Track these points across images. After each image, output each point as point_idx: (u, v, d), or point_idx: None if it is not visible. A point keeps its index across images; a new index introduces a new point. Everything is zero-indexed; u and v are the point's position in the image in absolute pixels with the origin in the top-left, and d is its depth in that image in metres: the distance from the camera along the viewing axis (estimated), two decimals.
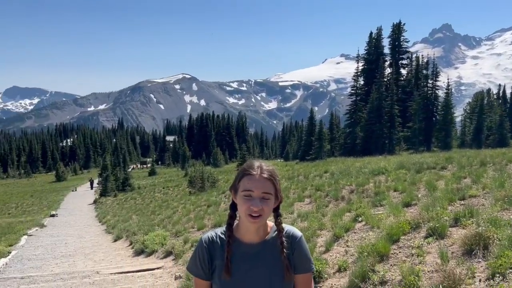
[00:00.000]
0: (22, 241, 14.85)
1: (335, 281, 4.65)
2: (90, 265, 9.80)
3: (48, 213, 26.58)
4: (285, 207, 11.01)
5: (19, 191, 55.78)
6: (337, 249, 5.80)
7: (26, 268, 9.70)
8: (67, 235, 16.44)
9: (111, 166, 45.79)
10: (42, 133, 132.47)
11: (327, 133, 52.08)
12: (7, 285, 7.63)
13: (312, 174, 18.80)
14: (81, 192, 47.62)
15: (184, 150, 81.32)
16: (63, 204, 34.74)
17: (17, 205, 38.07)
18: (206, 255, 1.71)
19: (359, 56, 54.30)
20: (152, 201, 24.41)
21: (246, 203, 1.61)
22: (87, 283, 7.37)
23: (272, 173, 1.66)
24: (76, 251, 12.14)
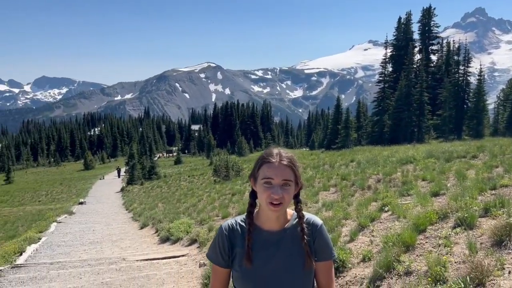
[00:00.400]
0: (51, 227, 15.35)
1: (359, 271, 4.62)
2: (117, 252, 10.06)
3: (76, 201, 27.39)
4: (309, 196, 10.98)
5: (49, 179, 57.59)
6: (361, 238, 5.76)
7: (55, 254, 10.05)
8: (95, 222, 16.91)
9: (138, 154, 46.65)
10: (70, 122, 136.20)
11: (354, 121, 51.46)
12: (38, 270, 7.93)
13: (338, 163, 18.65)
14: (109, 180, 48.76)
15: (209, 139, 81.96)
16: (91, 192, 35.70)
17: (47, 193, 39.35)
18: (227, 242, 1.72)
19: (388, 42, 53.16)
20: (178, 189, 24.77)
21: (267, 191, 1.61)
22: (113, 269, 7.58)
23: (292, 160, 1.66)
24: (103, 238, 12.48)
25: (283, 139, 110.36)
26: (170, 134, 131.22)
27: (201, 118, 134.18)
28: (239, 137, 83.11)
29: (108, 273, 7.36)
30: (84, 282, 6.72)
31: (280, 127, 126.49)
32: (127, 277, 6.78)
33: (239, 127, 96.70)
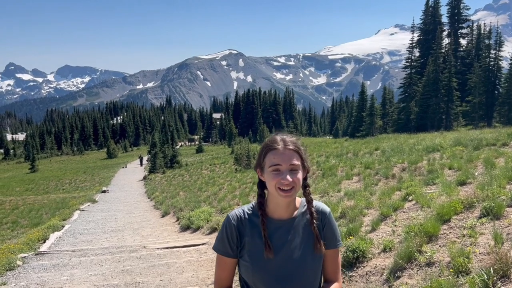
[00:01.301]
0: (75, 215, 15.76)
1: (379, 261, 4.59)
2: (138, 240, 10.27)
3: (99, 189, 27.98)
4: (332, 185, 10.92)
5: (72, 168, 58.96)
6: (383, 228, 5.70)
7: (78, 242, 10.33)
8: (117, 210, 17.27)
9: (160, 143, 47.28)
10: (93, 111, 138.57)
11: (379, 108, 50.80)
12: (60, 257, 8.16)
13: (361, 152, 18.45)
14: (131, 169, 49.57)
15: (231, 127, 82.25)
16: (113, 181, 36.39)
17: (71, 181, 40.34)
18: (235, 232, 1.71)
19: (415, 26, 52.00)
20: (199, 178, 25.00)
21: (275, 178, 1.60)
22: (134, 257, 7.74)
23: (296, 144, 1.66)
24: (125, 226, 12.74)
25: (306, 127, 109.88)
26: (191, 123, 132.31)
27: (222, 106, 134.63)
28: (261, 125, 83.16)
29: (128, 260, 7.52)
30: (105, 269, 6.88)
31: (303, 115, 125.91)
32: (147, 265, 6.92)
33: (261, 115, 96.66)
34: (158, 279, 6.10)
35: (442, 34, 48.48)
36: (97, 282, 6.10)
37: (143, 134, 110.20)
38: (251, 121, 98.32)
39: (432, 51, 44.95)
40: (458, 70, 45.49)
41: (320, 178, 13.13)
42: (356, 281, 4.48)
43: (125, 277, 6.32)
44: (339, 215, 7.21)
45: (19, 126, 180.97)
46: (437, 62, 43.24)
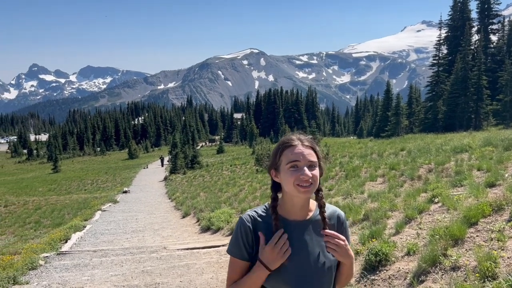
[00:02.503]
0: (96, 216, 16.06)
1: (403, 265, 4.53)
2: (158, 240, 10.40)
3: (121, 190, 28.43)
4: (355, 186, 10.84)
5: (94, 168, 60.08)
6: (408, 231, 5.63)
7: (99, 242, 10.53)
8: (138, 211, 17.52)
9: (181, 143, 47.71)
10: (115, 111, 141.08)
11: (405, 107, 50.07)
12: (82, 257, 8.35)
13: (386, 152, 18.26)
14: (152, 169, 50.19)
15: (252, 127, 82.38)
16: (135, 181, 36.91)
17: (93, 182, 41.10)
18: (250, 234, 1.68)
19: (442, 23, 51.04)
20: (220, 178, 25.15)
21: (294, 174, 1.59)
22: (154, 258, 7.85)
23: (313, 142, 1.68)
24: (145, 226, 12.92)
25: (329, 127, 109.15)
26: (212, 123, 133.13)
27: (243, 106, 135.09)
28: (282, 125, 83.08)
29: (149, 261, 7.63)
30: (125, 270, 7.00)
31: (326, 115, 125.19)
32: (167, 266, 7.01)
33: (282, 115, 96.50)
34: (178, 280, 6.17)
35: (471, 30, 47.42)
36: (117, 283, 6.21)
37: (164, 135, 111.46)
38: (273, 121, 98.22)
39: (461, 48, 44.01)
40: (488, 68, 44.39)
41: (343, 179, 13.05)
42: (379, 285, 4.44)
43: (145, 277, 6.41)
44: (362, 217, 7.16)
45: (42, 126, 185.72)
46: (466, 60, 42.33)
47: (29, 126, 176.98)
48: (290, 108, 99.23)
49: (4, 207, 23.42)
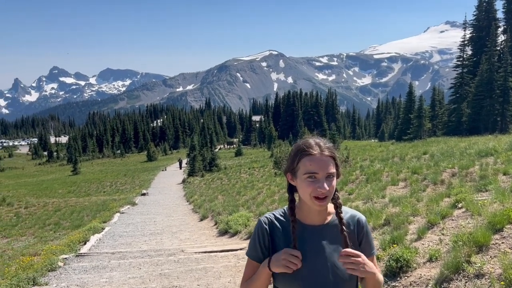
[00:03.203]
0: (115, 218, 16.27)
1: (425, 271, 4.47)
2: (176, 243, 10.48)
3: (139, 192, 28.74)
4: (376, 190, 10.75)
5: (113, 170, 60.87)
6: (430, 237, 5.55)
7: (117, 244, 10.66)
8: (156, 213, 17.68)
9: (199, 146, 48.08)
10: (134, 114, 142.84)
11: (428, 110, 49.42)
12: (100, 259, 8.47)
13: (409, 156, 18.04)
14: (171, 172, 50.61)
15: (270, 130, 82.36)
16: (153, 183, 37.27)
17: (111, 184, 41.63)
18: (267, 236, 1.70)
19: (467, 23, 50.25)
20: (238, 181, 25.19)
21: (311, 185, 1.58)
22: (172, 261, 7.91)
23: (332, 149, 1.64)
24: (163, 229, 13.03)
25: (349, 130, 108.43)
26: (230, 125, 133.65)
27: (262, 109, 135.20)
28: (301, 127, 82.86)
29: (166, 264, 7.69)
30: (143, 272, 7.07)
31: (346, 117, 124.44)
32: (184, 269, 7.05)
33: (301, 117, 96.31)
34: (195, 283, 6.20)
35: (497, 31, 46.60)
36: (135, 285, 6.28)
37: (183, 137, 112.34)
38: (292, 123, 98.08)
39: (486, 49, 43.29)
40: None
41: (363, 183, 12.95)
42: None
43: (163, 280, 6.46)
44: (383, 222, 7.09)
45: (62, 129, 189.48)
46: (491, 61, 41.59)
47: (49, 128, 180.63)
48: (309, 110, 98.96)
49: (24, 208, 23.91)
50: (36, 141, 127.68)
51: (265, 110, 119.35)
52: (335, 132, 62.01)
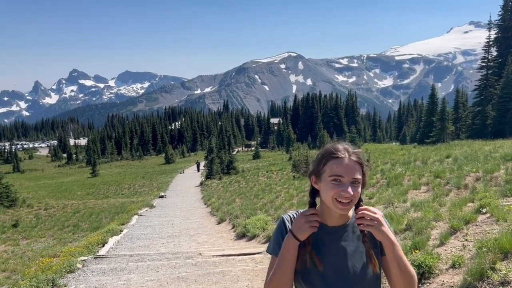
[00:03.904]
0: (133, 220, 16.47)
1: (447, 278, 4.40)
2: (193, 246, 10.54)
3: (157, 194, 29.04)
4: (397, 195, 10.64)
5: (131, 173, 61.60)
6: (453, 243, 5.47)
7: (135, 247, 10.78)
8: (174, 216, 17.83)
9: (216, 149, 48.23)
10: (152, 116, 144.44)
11: (451, 112, 48.67)
12: (118, 261, 8.57)
13: (431, 159, 17.78)
14: (188, 175, 50.98)
15: (289, 132, 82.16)
16: (171, 186, 37.62)
17: (130, 186, 42.16)
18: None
19: (492, 23, 49.31)
20: (256, 184, 25.23)
21: (335, 188, 1.59)
22: (189, 264, 7.96)
23: (360, 156, 1.64)
24: (181, 232, 13.12)
25: (370, 133, 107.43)
26: (248, 128, 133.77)
27: (280, 111, 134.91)
28: (320, 130, 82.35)
29: (184, 267, 7.75)
30: (161, 275, 7.13)
31: (367, 120, 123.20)
32: (202, 272, 7.09)
33: (321, 120, 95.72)
34: (212, 287, 6.23)
35: None
36: None
37: (200, 140, 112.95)
38: (311, 126, 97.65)
39: None
40: None
41: (384, 187, 12.83)
42: None
43: (180, 283, 6.51)
44: (404, 227, 7.01)
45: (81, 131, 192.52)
46: None
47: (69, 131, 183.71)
48: (329, 112, 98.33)
49: (44, 210, 24.38)
50: (56, 143, 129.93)
51: (283, 112, 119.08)
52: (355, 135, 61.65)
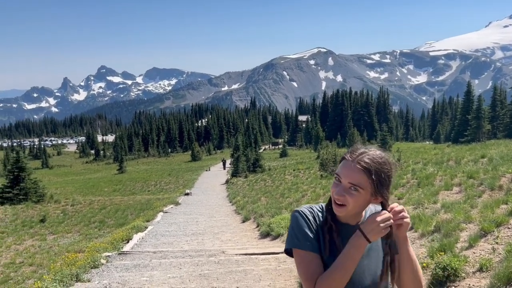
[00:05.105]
0: (158, 217, 16.75)
1: (474, 282, 4.33)
2: (217, 244, 10.66)
3: (183, 192, 29.43)
4: (427, 195, 10.48)
5: (158, 169, 62.52)
6: (482, 245, 5.36)
7: (159, 244, 10.98)
8: (199, 213, 18.04)
9: (243, 146, 48.47)
10: (179, 113, 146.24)
11: (487, 110, 47.45)
12: (142, 258, 8.76)
13: (465, 159, 17.39)
14: (214, 172, 51.38)
15: (317, 130, 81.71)
16: (197, 183, 38.01)
17: (156, 183, 42.81)
18: (313, 223, 1.68)
19: None
20: (282, 183, 25.22)
21: (333, 187, 1.63)
22: (212, 261, 8.06)
23: (370, 166, 1.57)
24: (205, 230, 13.28)
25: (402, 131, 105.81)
26: (276, 125, 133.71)
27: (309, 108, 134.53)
28: (350, 128, 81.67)
29: (207, 265, 7.85)
30: (183, 272, 7.25)
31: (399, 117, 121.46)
32: (224, 271, 7.17)
33: (351, 117, 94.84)
34: (234, 285, 6.30)
35: None
36: (174, 285, 6.46)
37: (227, 137, 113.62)
38: (340, 124, 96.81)
39: None
40: None
41: (415, 188, 12.65)
42: None
43: (202, 281, 6.61)
44: (433, 229, 6.91)
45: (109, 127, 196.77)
46: None
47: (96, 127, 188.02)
48: (359, 110, 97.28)
49: (71, 206, 24.99)
50: (84, 139, 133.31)
51: (312, 109, 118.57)
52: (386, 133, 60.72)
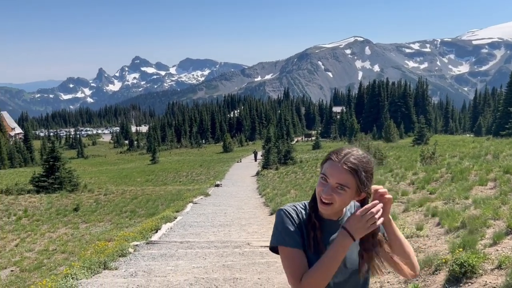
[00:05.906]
0: (187, 208, 17.12)
1: (491, 279, 4.33)
2: (243, 236, 10.88)
3: (213, 183, 29.86)
4: (460, 190, 10.34)
5: (190, 160, 63.46)
6: (507, 243, 5.32)
7: (187, 234, 11.29)
8: (227, 205, 18.32)
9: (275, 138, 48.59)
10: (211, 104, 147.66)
11: None
12: (168, 247, 9.08)
13: (504, 153, 16.99)
14: (245, 164, 51.74)
15: (352, 122, 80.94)
16: (227, 175, 38.45)
17: (187, 174, 43.55)
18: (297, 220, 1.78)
19: None
20: (313, 176, 25.23)
21: (319, 186, 1.73)
22: (237, 253, 8.27)
23: (357, 166, 1.68)
24: (233, 221, 13.53)
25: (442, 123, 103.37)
26: (309, 117, 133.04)
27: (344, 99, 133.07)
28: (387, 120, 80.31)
29: (231, 256, 8.06)
30: (208, 263, 7.49)
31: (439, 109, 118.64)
32: (247, 262, 7.36)
33: (387, 109, 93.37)
34: (256, 276, 6.47)
35: None
36: (198, 275, 6.69)
37: (259, 128, 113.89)
38: (376, 115, 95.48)
39: None
40: None
41: (448, 182, 12.47)
42: None
43: (225, 272, 6.81)
44: (459, 225, 6.86)
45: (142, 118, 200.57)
46: None
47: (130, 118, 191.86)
48: (396, 101, 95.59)
49: (104, 195, 25.83)
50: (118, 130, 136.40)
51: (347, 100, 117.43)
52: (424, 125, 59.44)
